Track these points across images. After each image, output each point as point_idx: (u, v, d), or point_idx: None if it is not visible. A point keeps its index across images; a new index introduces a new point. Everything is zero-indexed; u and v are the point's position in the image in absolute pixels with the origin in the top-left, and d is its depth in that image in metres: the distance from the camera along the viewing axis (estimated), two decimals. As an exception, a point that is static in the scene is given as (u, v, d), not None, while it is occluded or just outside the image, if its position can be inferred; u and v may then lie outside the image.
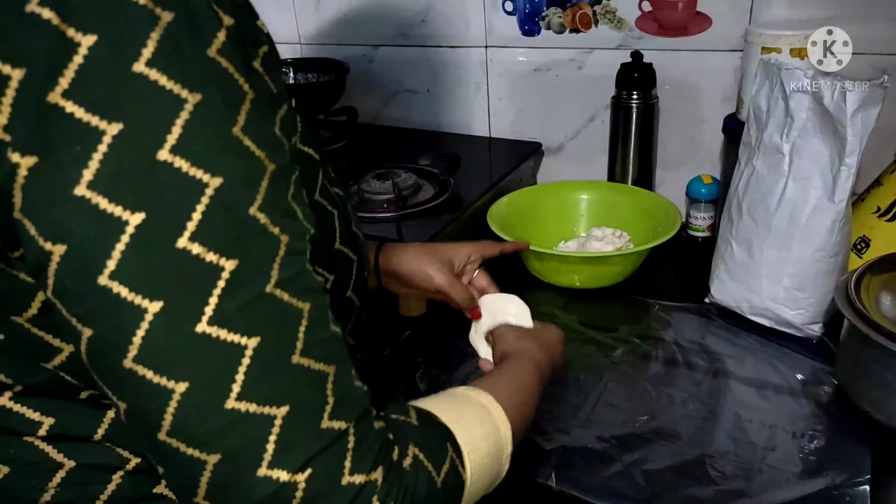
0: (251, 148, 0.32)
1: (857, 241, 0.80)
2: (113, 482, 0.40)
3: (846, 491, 0.57)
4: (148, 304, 0.30)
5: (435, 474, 0.39)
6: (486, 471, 0.44)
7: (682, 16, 0.98)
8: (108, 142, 0.29)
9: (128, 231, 0.29)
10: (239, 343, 0.31)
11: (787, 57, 0.80)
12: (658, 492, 0.58)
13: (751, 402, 0.68)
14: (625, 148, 1.01)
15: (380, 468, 0.36)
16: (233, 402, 0.31)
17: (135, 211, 0.29)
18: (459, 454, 0.42)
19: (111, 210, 0.29)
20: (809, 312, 0.75)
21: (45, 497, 0.39)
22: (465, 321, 0.73)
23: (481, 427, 0.45)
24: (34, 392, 0.39)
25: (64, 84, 0.28)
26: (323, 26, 1.28)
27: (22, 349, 0.36)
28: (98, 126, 0.29)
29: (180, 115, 0.30)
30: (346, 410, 0.35)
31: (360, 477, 0.34)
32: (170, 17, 0.29)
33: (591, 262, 0.87)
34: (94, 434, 0.40)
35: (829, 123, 0.68)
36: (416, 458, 0.38)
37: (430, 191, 0.96)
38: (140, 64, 0.29)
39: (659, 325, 0.82)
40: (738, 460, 0.61)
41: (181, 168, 0.30)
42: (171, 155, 0.30)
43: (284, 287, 0.33)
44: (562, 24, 1.06)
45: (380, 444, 0.36)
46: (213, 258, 0.31)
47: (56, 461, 0.39)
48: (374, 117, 1.30)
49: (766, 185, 0.74)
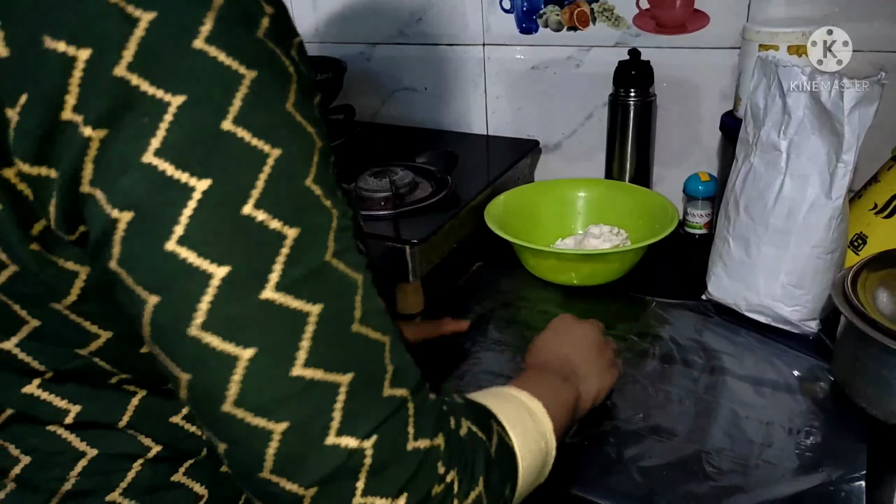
0: (303, 124, 0.33)
1: (854, 238, 0.80)
2: (133, 470, 0.41)
3: (842, 487, 0.57)
4: (215, 268, 0.30)
5: (489, 444, 0.40)
6: (534, 453, 0.45)
7: (679, 13, 0.98)
8: (173, 111, 0.29)
9: (195, 197, 0.30)
10: (303, 310, 0.31)
11: (785, 54, 0.80)
12: (655, 488, 0.58)
13: (747, 398, 0.68)
14: (622, 145, 1.01)
15: (441, 434, 0.36)
16: (300, 370, 0.31)
17: (201, 177, 0.30)
18: (504, 429, 0.43)
19: (178, 176, 0.29)
20: (806, 309, 0.75)
21: (66, 486, 0.40)
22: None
23: (521, 413, 0.46)
24: (64, 378, 0.39)
25: (128, 57, 0.29)
26: (320, 24, 1.28)
27: (58, 336, 0.37)
28: (163, 98, 0.29)
29: (239, 90, 0.30)
30: (405, 378, 0.35)
31: (425, 442, 0.35)
32: (221, 1, 0.30)
33: (588, 259, 0.87)
34: (119, 421, 0.40)
35: (826, 120, 0.68)
36: (471, 430, 0.39)
37: (428, 188, 0.96)
38: (199, 40, 0.30)
39: (656, 322, 0.82)
40: (734, 456, 0.61)
41: (244, 138, 0.30)
42: (233, 126, 0.30)
43: (340, 258, 0.33)
44: (559, 22, 1.06)
45: (437, 412, 0.37)
46: (276, 225, 0.31)
47: (79, 450, 0.40)
48: (371, 115, 1.30)
49: (764, 183, 0.74)
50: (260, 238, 0.31)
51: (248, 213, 0.30)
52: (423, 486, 0.34)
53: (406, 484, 0.34)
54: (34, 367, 0.38)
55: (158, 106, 0.29)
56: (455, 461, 0.36)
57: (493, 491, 0.39)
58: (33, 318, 0.36)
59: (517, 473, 0.43)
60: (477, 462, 0.38)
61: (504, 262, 0.94)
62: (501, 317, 0.85)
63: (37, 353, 0.38)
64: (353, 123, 1.21)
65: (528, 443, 0.45)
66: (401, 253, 0.83)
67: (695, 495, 0.57)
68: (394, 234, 0.85)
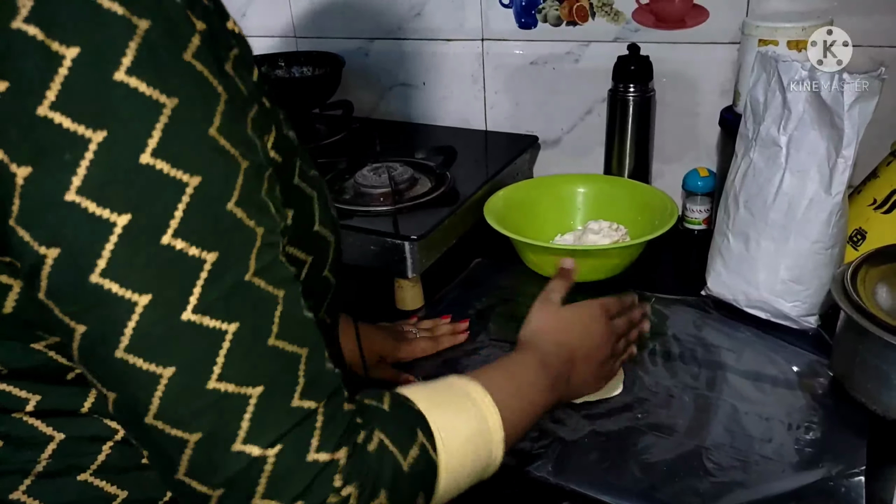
0: (226, 147, 0.34)
1: (854, 234, 0.80)
2: (103, 452, 0.42)
3: (841, 482, 0.57)
4: (138, 297, 0.32)
5: (401, 459, 0.40)
6: (468, 455, 0.44)
7: (679, 8, 0.98)
8: (93, 149, 0.30)
9: (116, 231, 0.31)
10: (220, 328, 0.34)
11: (785, 49, 0.80)
12: (655, 484, 0.58)
13: (747, 394, 0.68)
14: (621, 141, 1.01)
15: (344, 448, 0.37)
16: (214, 383, 0.34)
17: (122, 213, 0.31)
18: (431, 439, 0.42)
19: (100, 213, 0.31)
20: (806, 305, 0.75)
21: (38, 468, 0.41)
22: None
23: (461, 412, 0.45)
24: (20, 376, 0.40)
25: (51, 97, 0.30)
26: (318, 19, 1.27)
27: (11, 332, 0.38)
28: (84, 134, 0.30)
29: (160, 120, 0.32)
30: (317, 390, 0.37)
31: (325, 455, 0.36)
32: (147, 25, 0.31)
33: (587, 255, 0.87)
34: (81, 408, 0.41)
35: (826, 115, 0.68)
36: (382, 443, 0.40)
37: (427, 184, 0.96)
38: (120, 72, 0.31)
39: (656, 318, 0.82)
40: (734, 452, 0.61)
41: (162, 170, 0.32)
42: (152, 158, 0.31)
43: (261, 276, 0.35)
44: (558, 17, 1.06)
45: (345, 426, 0.38)
46: (195, 252, 0.33)
47: (46, 434, 0.41)
48: (370, 111, 1.30)
49: (763, 178, 0.74)
50: (179, 265, 0.33)
51: (167, 243, 0.32)
52: (317, 497, 0.36)
53: (301, 493, 0.35)
54: None
55: (80, 143, 0.30)
56: (355, 476, 0.37)
57: (398, 501, 0.40)
58: None
59: (435, 485, 0.43)
60: (381, 476, 0.39)
61: (503, 257, 0.94)
62: (501, 313, 0.85)
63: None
64: (352, 119, 1.21)
65: (460, 447, 0.44)
66: (400, 249, 0.83)
67: (695, 491, 0.57)
68: (393, 229, 0.84)
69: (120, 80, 0.31)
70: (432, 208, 0.90)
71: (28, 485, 0.41)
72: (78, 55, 0.30)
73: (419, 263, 0.84)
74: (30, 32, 0.29)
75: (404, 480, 0.40)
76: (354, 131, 1.19)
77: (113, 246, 0.31)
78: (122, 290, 0.32)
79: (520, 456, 0.62)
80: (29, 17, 0.30)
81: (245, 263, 0.34)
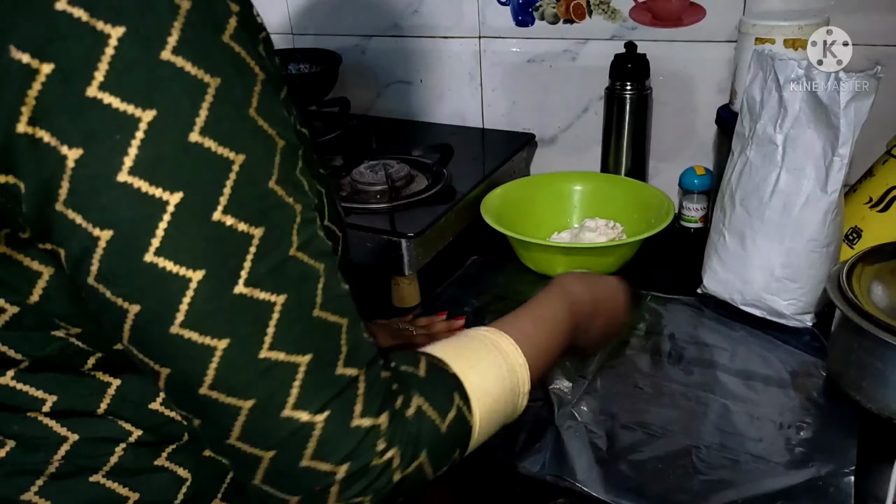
0: (265, 127, 0.35)
1: (849, 232, 0.81)
2: (116, 454, 0.42)
3: (831, 481, 0.57)
4: (192, 273, 0.33)
5: (439, 422, 0.41)
6: (498, 413, 0.46)
7: (676, 6, 0.98)
8: (144, 128, 0.31)
9: (168, 210, 0.32)
10: (270, 300, 0.35)
11: (781, 48, 0.80)
12: (646, 482, 0.58)
13: (739, 393, 0.68)
14: (618, 139, 1.01)
15: (385, 414, 0.39)
16: (265, 353, 0.35)
17: (173, 191, 0.32)
18: (467, 401, 0.44)
19: (152, 192, 0.31)
20: (801, 303, 0.75)
21: (51, 468, 0.41)
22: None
23: (495, 370, 0.46)
24: (40, 367, 0.40)
25: (99, 77, 0.30)
26: (315, 16, 1.27)
27: (36, 320, 0.38)
28: (134, 114, 0.31)
29: (205, 99, 0.32)
30: (358, 358, 0.38)
31: (368, 420, 0.38)
32: (188, 6, 0.32)
33: (584, 252, 0.87)
34: (97, 409, 0.41)
35: (822, 114, 0.68)
36: (420, 409, 0.41)
37: (424, 182, 0.96)
38: (167, 52, 0.31)
39: (651, 315, 0.82)
40: (724, 451, 0.61)
41: (210, 148, 0.32)
42: (200, 136, 0.32)
43: (303, 250, 0.36)
44: (556, 15, 1.06)
45: (385, 392, 0.39)
46: (244, 228, 0.34)
47: (60, 435, 0.41)
48: (366, 108, 1.30)
49: (760, 176, 0.74)
50: (230, 241, 0.33)
51: (217, 219, 0.33)
52: (363, 460, 0.37)
53: (348, 455, 0.37)
54: (10, 356, 0.39)
55: (130, 123, 0.31)
56: (397, 440, 0.39)
57: (438, 459, 0.42)
58: (12, 304, 0.37)
59: (470, 440, 0.45)
60: (421, 439, 0.40)
61: (500, 255, 0.94)
62: (497, 310, 0.85)
63: (15, 341, 0.38)
64: (348, 116, 1.20)
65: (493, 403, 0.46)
66: (397, 246, 0.83)
67: (685, 489, 0.57)
68: (390, 227, 0.84)
69: (167, 59, 0.31)
70: (429, 206, 0.90)
71: (40, 486, 0.41)
72: (123, 34, 0.30)
73: (416, 261, 0.84)
74: (75, 14, 0.29)
75: (443, 441, 0.42)
76: (351, 129, 1.19)
77: (166, 224, 0.32)
78: (176, 268, 0.32)
79: (513, 452, 0.62)
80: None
81: (289, 239, 0.35)
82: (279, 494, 0.38)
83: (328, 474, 0.37)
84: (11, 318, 0.37)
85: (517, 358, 0.48)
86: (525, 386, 0.48)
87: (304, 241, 0.36)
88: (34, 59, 0.29)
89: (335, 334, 0.38)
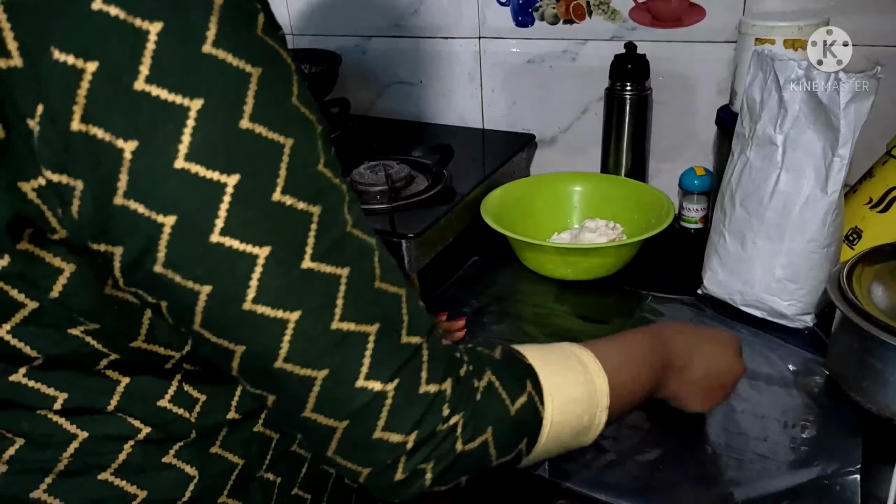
0: (306, 114, 0.36)
1: (850, 233, 0.81)
2: (124, 451, 0.42)
3: (836, 480, 0.57)
4: (259, 250, 0.34)
5: (508, 402, 0.42)
6: (573, 414, 0.45)
7: (675, 7, 0.98)
8: (194, 116, 0.32)
9: (227, 191, 0.33)
10: (336, 273, 0.36)
11: (781, 48, 0.80)
12: (651, 483, 0.58)
13: (743, 392, 0.68)
14: (618, 139, 1.01)
15: (449, 380, 0.40)
16: (336, 324, 0.36)
17: (231, 173, 0.33)
18: (540, 392, 0.44)
19: (210, 176, 0.32)
20: (802, 303, 0.75)
21: (59, 466, 0.41)
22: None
23: (570, 372, 0.46)
24: (53, 365, 0.40)
25: (145, 71, 0.31)
26: (315, 17, 1.27)
27: (54, 316, 0.38)
28: (182, 103, 0.31)
29: (250, 88, 0.33)
30: (419, 326, 0.40)
31: (434, 386, 0.39)
32: (221, 2, 0.32)
33: (584, 253, 0.87)
34: (107, 406, 0.42)
35: (822, 115, 0.68)
36: (491, 383, 0.42)
37: (424, 182, 0.96)
38: (207, 45, 0.32)
39: (652, 316, 0.82)
40: (729, 451, 0.61)
41: (261, 133, 0.33)
42: (250, 123, 0.33)
43: (356, 226, 0.38)
44: (555, 15, 1.06)
45: (447, 358, 0.40)
46: (303, 206, 0.35)
47: (70, 432, 0.41)
48: (366, 109, 1.30)
49: (760, 177, 0.74)
50: (292, 219, 0.35)
51: (277, 199, 0.34)
52: (429, 426, 0.38)
53: (416, 423, 0.38)
54: (25, 353, 0.39)
55: (180, 112, 0.31)
56: (462, 406, 0.40)
57: (503, 441, 0.42)
58: (32, 300, 0.37)
59: (539, 435, 0.44)
60: (489, 413, 0.41)
61: (500, 256, 0.94)
62: (497, 311, 0.85)
63: (30, 337, 0.38)
64: (348, 117, 1.20)
65: (567, 404, 0.45)
66: (397, 247, 0.83)
67: (690, 489, 0.57)
68: (390, 227, 0.84)
69: (207, 52, 0.32)
70: (429, 206, 0.90)
71: (49, 483, 0.41)
72: (162, 29, 0.31)
73: (416, 261, 0.84)
74: (112, 13, 0.30)
75: (510, 423, 0.42)
76: (351, 129, 1.19)
77: (227, 205, 0.33)
78: (243, 246, 0.33)
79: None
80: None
81: (342, 217, 0.37)
82: (352, 466, 0.39)
83: (399, 445, 0.38)
84: (30, 313, 0.37)
85: (597, 371, 0.47)
86: (604, 399, 0.47)
87: (357, 219, 0.38)
88: (78, 59, 0.30)
89: (397, 304, 0.39)
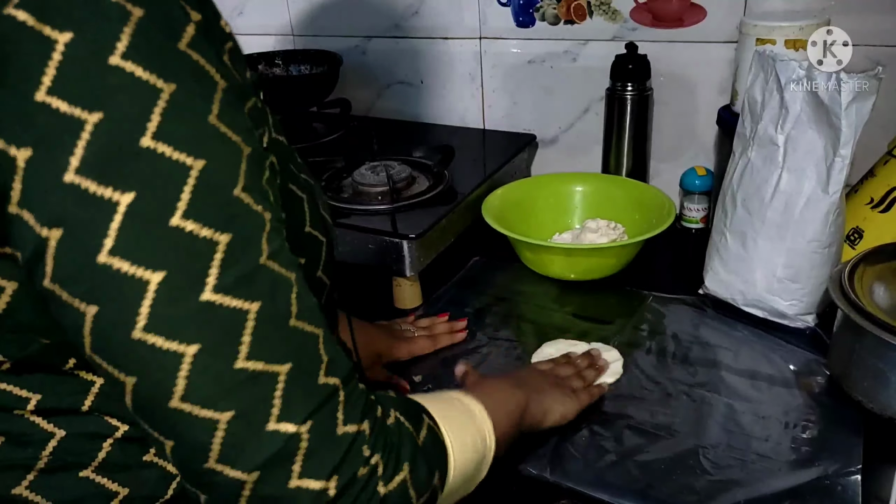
0: (228, 133, 0.34)
1: (851, 233, 0.81)
2: (104, 449, 0.42)
3: (838, 480, 0.57)
4: (150, 274, 0.32)
5: (415, 434, 0.42)
6: (468, 437, 0.47)
7: (676, 7, 0.98)
8: (90, 129, 0.31)
9: (120, 210, 0.31)
10: (242, 308, 0.34)
11: (782, 48, 0.80)
12: (652, 482, 0.58)
13: (744, 392, 0.68)
14: (619, 140, 1.01)
15: (367, 421, 0.39)
16: (242, 362, 0.34)
17: (124, 191, 0.31)
18: (436, 423, 0.45)
19: (101, 192, 0.31)
20: (803, 303, 0.75)
21: (40, 464, 0.41)
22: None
23: (450, 405, 0.49)
24: (22, 368, 0.40)
25: (47, 82, 0.30)
26: (316, 18, 1.27)
27: (8, 326, 0.38)
28: (80, 116, 0.31)
29: (158, 104, 0.32)
30: (337, 368, 0.38)
31: (353, 426, 0.38)
32: (141, 13, 0.32)
33: (585, 253, 0.87)
34: (82, 406, 0.41)
35: (823, 115, 0.68)
36: (398, 419, 0.42)
37: (425, 183, 0.96)
38: (115, 57, 0.31)
39: (653, 316, 0.82)
40: (731, 451, 0.61)
41: (164, 153, 0.32)
42: (153, 141, 0.32)
43: (274, 259, 0.36)
44: (556, 16, 1.06)
45: (365, 400, 0.40)
46: (207, 233, 0.33)
47: (47, 431, 0.41)
48: (367, 109, 1.30)
49: (761, 177, 0.74)
50: (192, 246, 0.33)
51: (176, 224, 0.32)
52: (350, 469, 0.37)
53: (336, 467, 0.36)
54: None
55: (76, 125, 0.31)
56: (380, 446, 0.39)
57: (419, 477, 0.41)
58: None
59: (447, 464, 0.45)
60: (403, 449, 0.41)
61: (501, 256, 0.94)
62: (498, 311, 0.85)
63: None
64: (349, 117, 1.20)
65: (462, 438, 0.47)
66: (398, 247, 0.83)
67: (691, 489, 0.57)
68: (391, 228, 0.84)
69: (115, 64, 0.31)
70: (430, 207, 0.90)
71: (31, 480, 0.41)
72: (71, 40, 0.30)
73: (417, 262, 0.84)
74: (20, 18, 0.30)
75: (421, 455, 0.42)
76: (352, 130, 1.19)
77: (118, 225, 0.31)
78: (132, 269, 0.32)
79: (516, 455, 0.62)
80: (20, 3, 0.30)
81: (258, 247, 0.35)
82: None
83: (320, 494, 0.36)
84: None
85: (471, 400, 0.51)
86: (486, 422, 0.50)
87: (274, 250, 0.36)
88: None
89: (313, 343, 0.37)
